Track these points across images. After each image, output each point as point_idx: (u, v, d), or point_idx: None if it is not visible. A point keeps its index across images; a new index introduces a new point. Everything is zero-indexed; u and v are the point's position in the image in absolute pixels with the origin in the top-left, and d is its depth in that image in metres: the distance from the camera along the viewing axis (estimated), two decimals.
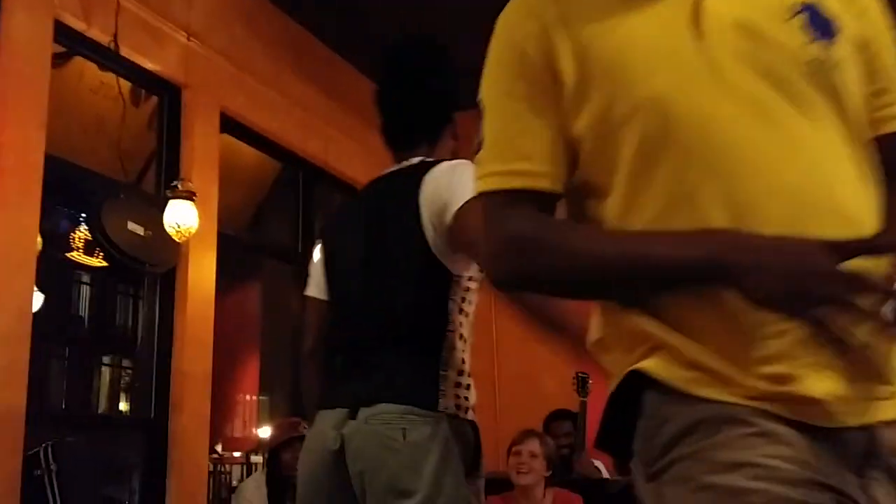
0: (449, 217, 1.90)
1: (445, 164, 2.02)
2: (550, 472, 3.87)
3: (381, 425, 1.87)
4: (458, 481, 1.87)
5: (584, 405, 4.83)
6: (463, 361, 1.98)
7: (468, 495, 1.90)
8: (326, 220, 2.24)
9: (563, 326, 1.79)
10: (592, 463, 4.87)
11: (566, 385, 5.13)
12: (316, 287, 2.19)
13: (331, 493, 1.96)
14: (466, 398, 1.97)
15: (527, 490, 3.81)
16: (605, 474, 4.94)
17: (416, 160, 2.10)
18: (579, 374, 4.90)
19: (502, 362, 6.20)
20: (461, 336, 1.99)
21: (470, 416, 1.96)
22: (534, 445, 3.83)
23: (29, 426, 3.48)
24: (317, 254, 2.23)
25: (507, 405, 6.07)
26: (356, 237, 2.10)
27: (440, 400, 1.91)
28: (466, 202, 1.86)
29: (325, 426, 1.97)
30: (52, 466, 3.46)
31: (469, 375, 2.00)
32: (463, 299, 2.00)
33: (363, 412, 1.90)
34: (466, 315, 2.01)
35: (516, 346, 6.18)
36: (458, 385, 1.96)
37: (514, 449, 3.86)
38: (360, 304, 2.04)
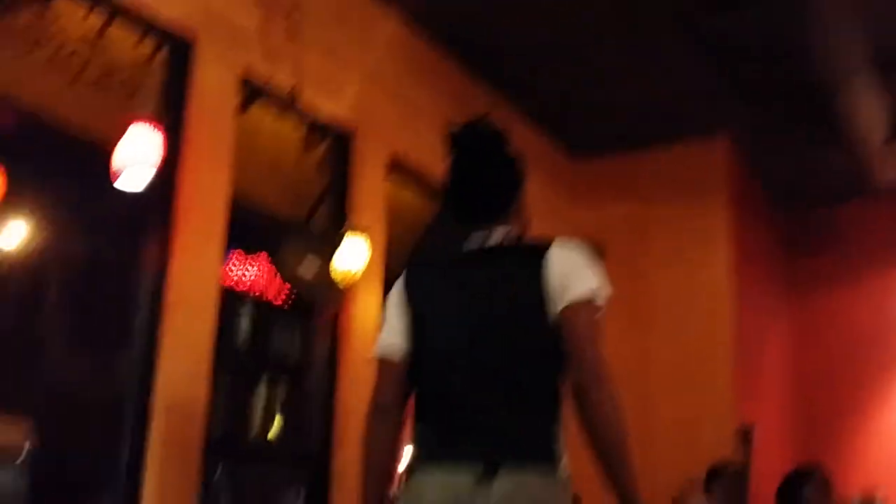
0: (566, 300, 2.09)
1: (564, 244, 2.20)
2: None
3: (531, 488, 1.98)
4: None
5: (748, 459, 4.67)
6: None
7: None
8: (413, 284, 2.30)
9: None
10: None
11: (726, 437, 4.97)
12: (390, 348, 2.24)
13: None
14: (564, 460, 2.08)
15: None
16: None
17: (501, 231, 2.29)
18: (744, 427, 4.74)
19: (656, 410, 6.05)
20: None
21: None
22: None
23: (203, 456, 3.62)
24: (398, 315, 2.27)
25: (660, 456, 5.90)
26: (464, 304, 2.20)
27: (560, 462, 2.04)
28: (580, 302, 2.09)
29: (458, 481, 2.01)
30: (225, 498, 3.58)
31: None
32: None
33: (510, 473, 1.98)
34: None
35: (672, 393, 6.03)
36: (564, 448, 2.07)
37: None
38: (475, 369, 2.13)
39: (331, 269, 4.10)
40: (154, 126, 3.37)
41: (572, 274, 2.13)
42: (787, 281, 7.33)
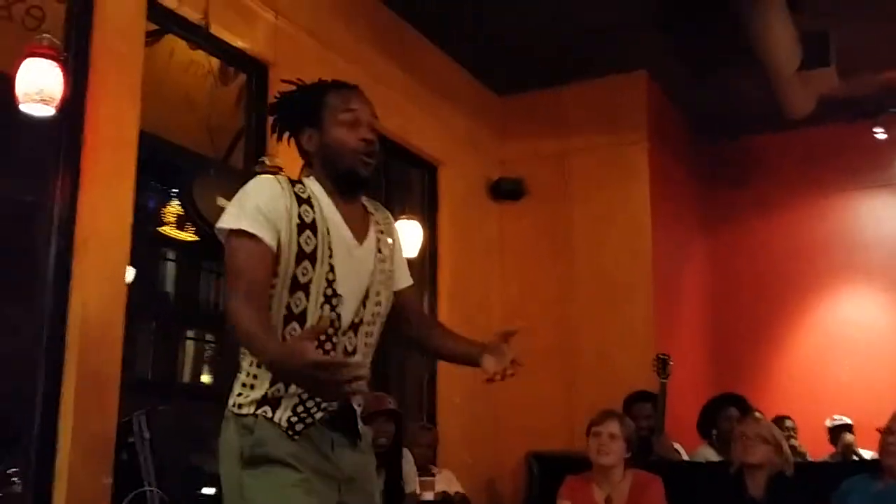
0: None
1: None
2: (630, 454, 3.85)
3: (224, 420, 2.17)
4: (230, 471, 2.08)
5: (664, 387, 4.80)
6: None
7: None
8: None
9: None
10: (672, 445, 4.85)
11: (644, 365, 5.11)
12: None
13: None
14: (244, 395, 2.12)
15: (606, 471, 3.80)
16: (685, 456, 4.91)
17: None
18: (660, 356, 4.87)
19: (577, 340, 6.18)
20: None
21: (244, 411, 2.10)
22: (614, 427, 3.81)
23: (121, 395, 3.58)
24: None
25: (582, 384, 6.05)
26: None
27: (231, 401, 2.14)
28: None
29: None
30: (145, 434, 3.56)
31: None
32: None
33: None
34: None
35: (592, 324, 6.16)
36: (246, 388, 2.12)
37: (593, 429, 3.85)
38: None
39: None
40: (59, 56, 3.27)
41: None
42: (704, 212, 7.50)
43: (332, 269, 2.11)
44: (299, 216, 2.10)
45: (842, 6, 5.39)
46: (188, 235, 4.23)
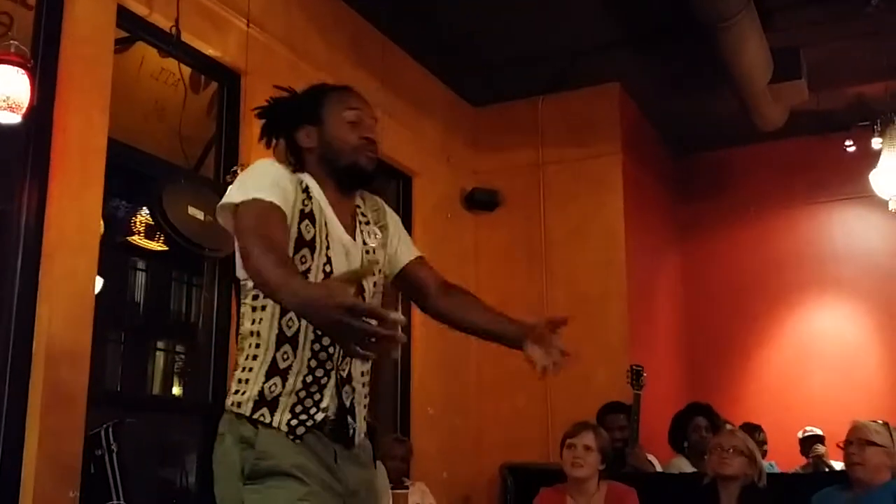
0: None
1: None
2: (604, 466, 3.84)
3: None
4: (228, 490, 2.02)
5: (637, 398, 4.80)
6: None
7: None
8: None
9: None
10: (646, 456, 4.84)
11: (618, 377, 5.11)
12: None
13: None
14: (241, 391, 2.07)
15: (580, 483, 3.79)
16: (659, 468, 4.91)
17: None
18: (633, 367, 4.87)
19: None
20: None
21: (243, 410, 2.04)
22: (588, 438, 3.80)
23: (88, 407, 3.53)
24: None
25: (557, 397, 6.04)
26: None
27: (231, 397, 2.10)
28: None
29: None
30: (113, 447, 3.51)
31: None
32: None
33: None
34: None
35: (567, 335, 6.12)
36: (242, 384, 2.07)
37: (568, 441, 3.83)
38: None
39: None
40: (27, 63, 3.22)
41: None
42: (677, 223, 7.55)
43: (328, 260, 2.09)
44: (302, 202, 2.10)
45: (812, 22, 5.45)
46: (158, 245, 4.18)
